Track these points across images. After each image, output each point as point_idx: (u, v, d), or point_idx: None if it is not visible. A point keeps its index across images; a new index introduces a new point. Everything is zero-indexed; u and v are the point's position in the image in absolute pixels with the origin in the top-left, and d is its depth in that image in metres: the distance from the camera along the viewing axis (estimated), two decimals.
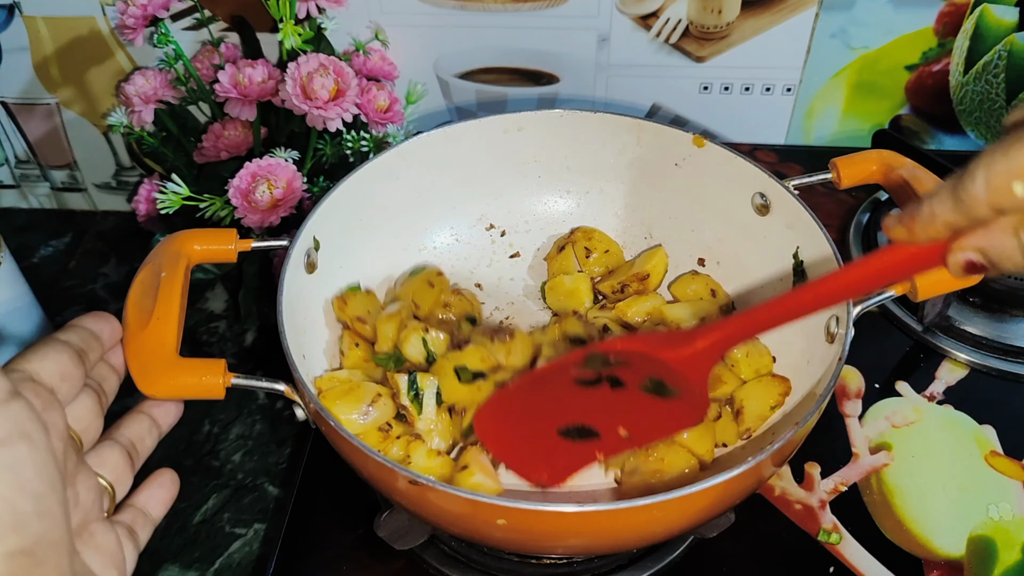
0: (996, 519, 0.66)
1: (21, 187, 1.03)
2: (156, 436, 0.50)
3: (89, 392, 0.45)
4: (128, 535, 0.45)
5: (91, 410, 0.45)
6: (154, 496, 0.48)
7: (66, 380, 0.41)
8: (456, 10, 0.87)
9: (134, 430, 0.48)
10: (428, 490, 0.50)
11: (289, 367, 0.56)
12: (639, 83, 0.93)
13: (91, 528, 0.42)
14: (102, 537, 0.42)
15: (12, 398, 0.35)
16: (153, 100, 0.78)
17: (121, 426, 0.48)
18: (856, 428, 0.72)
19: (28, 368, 0.39)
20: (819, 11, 0.86)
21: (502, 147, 0.76)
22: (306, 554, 0.65)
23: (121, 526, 0.45)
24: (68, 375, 0.41)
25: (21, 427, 0.35)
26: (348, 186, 0.68)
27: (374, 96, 0.78)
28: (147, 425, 0.49)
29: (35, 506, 0.34)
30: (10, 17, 0.88)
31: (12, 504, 0.33)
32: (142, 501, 0.47)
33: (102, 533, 0.42)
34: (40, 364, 0.40)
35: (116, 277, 0.95)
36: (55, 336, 0.43)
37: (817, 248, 0.65)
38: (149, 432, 0.49)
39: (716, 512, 0.56)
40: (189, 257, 0.60)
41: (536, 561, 0.63)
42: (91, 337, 0.45)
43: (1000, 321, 0.79)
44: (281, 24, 0.77)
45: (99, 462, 0.45)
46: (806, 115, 0.95)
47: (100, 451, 0.45)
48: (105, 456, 0.45)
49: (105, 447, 0.46)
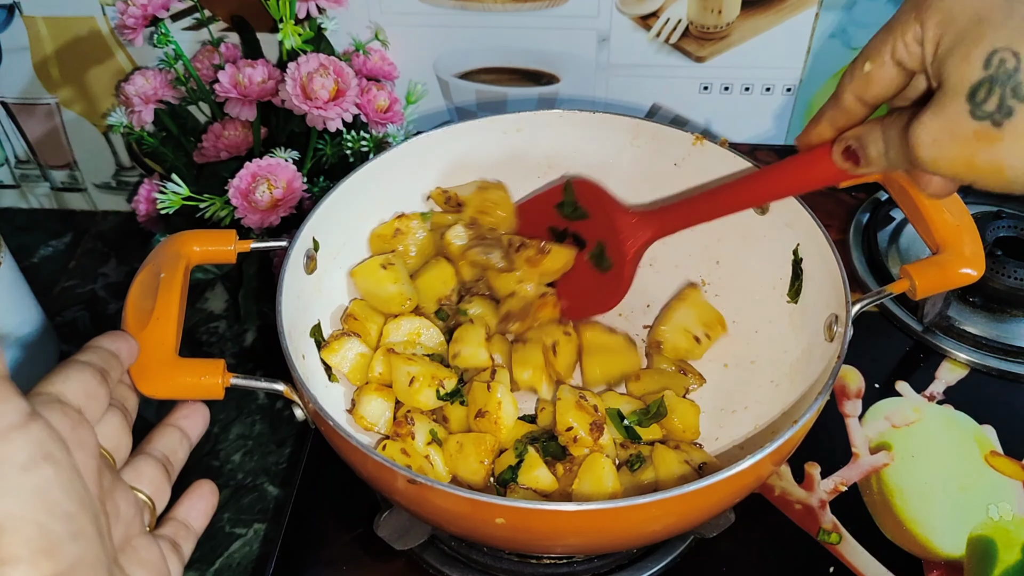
0: (996, 519, 0.66)
1: (21, 187, 1.03)
2: (187, 447, 0.50)
3: (114, 411, 0.45)
4: (171, 548, 0.45)
5: (119, 427, 0.45)
6: (195, 507, 0.48)
7: (92, 399, 0.41)
8: (456, 10, 0.87)
9: (165, 443, 0.48)
10: (427, 489, 0.50)
11: (288, 367, 0.56)
12: (639, 83, 0.92)
13: (134, 543, 0.41)
14: (146, 552, 0.42)
15: (31, 420, 0.34)
16: (153, 100, 0.78)
17: (152, 440, 0.48)
18: (856, 428, 0.72)
19: (53, 390, 0.39)
20: (819, 11, 0.86)
21: (502, 147, 0.76)
22: (306, 554, 0.65)
23: (164, 540, 0.45)
24: (93, 394, 0.41)
25: (44, 449, 0.34)
26: (348, 186, 0.68)
27: (374, 96, 0.78)
28: (177, 437, 0.49)
29: (67, 527, 0.34)
30: (10, 17, 0.88)
31: (43, 528, 0.33)
32: (183, 514, 0.47)
33: (145, 548, 0.42)
34: (64, 385, 0.40)
35: (116, 277, 0.95)
36: (75, 358, 0.43)
37: (817, 247, 0.65)
38: (180, 444, 0.49)
39: (716, 512, 0.56)
40: (188, 258, 0.60)
41: (536, 561, 0.63)
42: (111, 356, 0.45)
43: (1000, 321, 0.79)
44: (281, 24, 0.77)
45: (136, 477, 0.45)
46: (806, 115, 0.95)
47: (136, 466, 0.45)
48: (141, 471, 0.45)
49: (140, 462, 0.46)
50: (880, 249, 0.85)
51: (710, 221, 0.66)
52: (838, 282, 0.61)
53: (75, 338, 0.87)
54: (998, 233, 0.83)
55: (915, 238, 0.86)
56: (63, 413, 0.37)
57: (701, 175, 0.73)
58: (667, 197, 0.76)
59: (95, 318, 0.91)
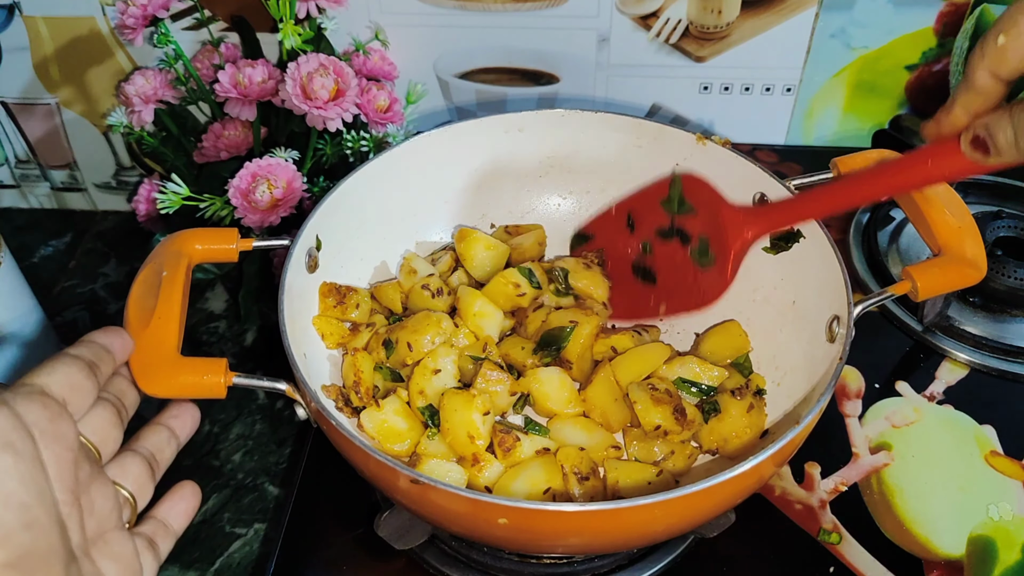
0: (996, 519, 0.66)
1: (21, 187, 1.03)
2: (175, 447, 0.50)
3: (106, 405, 0.45)
4: (148, 546, 0.45)
5: (108, 421, 0.45)
6: (175, 507, 0.48)
7: (77, 391, 0.41)
8: (456, 10, 0.87)
9: (153, 441, 0.48)
10: (429, 489, 0.50)
11: (290, 366, 0.56)
12: (639, 83, 0.93)
13: (107, 537, 0.42)
14: (119, 546, 0.42)
15: None
16: (153, 100, 0.78)
17: (140, 438, 0.48)
18: (856, 428, 0.72)
19: (37, 382, 0.39)
20: (819, 11, 0.86)
21: (502, 147, 0.76)
22: (306, 554, 0.65)
23: (141, 537, 0.45)
24: (78, 386, 0.41)
25: (5, 438, 0.35)
26: (349, 186, 0.68)
27: (374, 96, 0.78)
28: (166, 436, 0.49)
29: (19, 517, 0.34)
30: (10, 17, 0.88)
31: None
32: (163, 513, 0.48)
33: (119, 542, 0.42)
34: (49, 377, 0.40)
35: (116, 277, 0.95)
36: (66, 351, 0.43)
37: (818, 248, 0.65)
38: (168, 443, 0.49)
39: (716, 512, 0.56)
40: (190, 256, 0.60)
41: (536, 561, 0.63)
42: (102, 350, 0.45)
43: (1000, 321, 0.79)
44: (281, 24, 0.77)
45: (120, 473, 0.45)
46: (806, 115, 0.95)
47: (121, 462, 0.46)
48: (126, 467, 0.46)
49: (126, 458, 0.46)
50: (880, 249, 0.85)
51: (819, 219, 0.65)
52: (840, 283, 0.61)
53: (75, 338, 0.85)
54: (998, 233, 0.83)
55: (915, 238, 0.86)
56: (42, 404, 0.38)
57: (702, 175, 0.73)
58: None
59: (95, 318, 0.91)
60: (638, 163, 0.76)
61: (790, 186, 0.67)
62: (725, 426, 0.65)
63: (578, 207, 0.80)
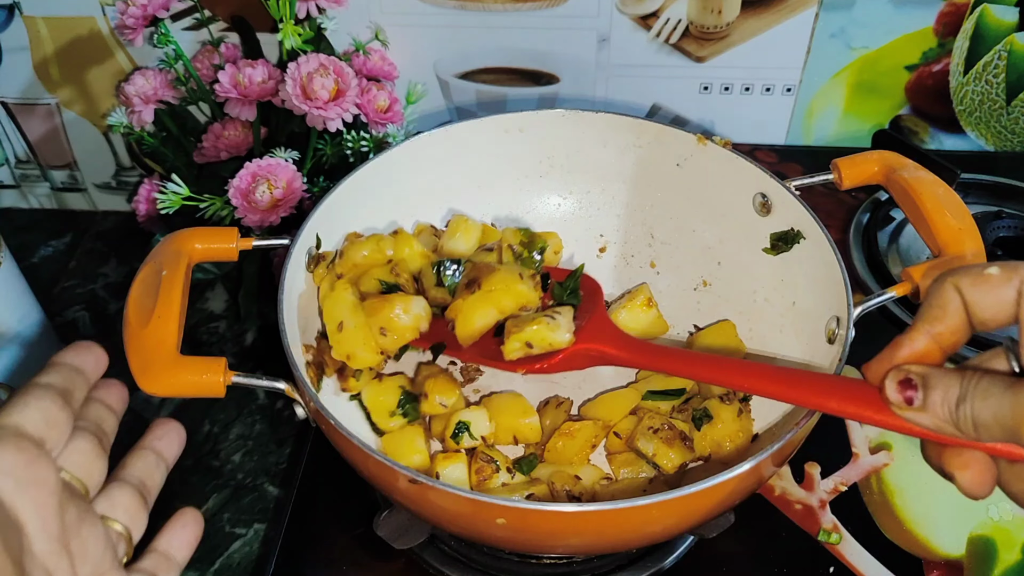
0: (996, 519, 0.66)
1: (21, 187, 1.03)
2: (164, 470, 0.46)
3: (85, 434, 0.41)
4: None
5: (91, 452, 0.41)
6: (177, 537, 0.45)
7: (53, 427, 0.38)
8: (456, 10, 0.87)
9: (140, 467, 0.44)
10: (428, 489, 0.50)
11: (290, 365, 0.56)
12: (639, 83, 0.93)
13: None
14: None
15: None
16: (153, 100, 0.78)
17: (127, 465, 0.44)
18: (856, 428, 0.72)
19: (9, 422, 0.36)
20: (819, 11, 0.86)
21: (502, 147, 0.76)
22: (306, 554, 0.65)
23: (141, 574, 0.42)
24: (54, 421, 0.38)
25: None
26: (349, 186, 0.68)
27: (374, 96, 0.78)
28: (153, 460, 0.45)
29: None
30: (10, 17, 0.88)
31: None
32: (164, 544, 0.44)
33: None
34: (22, 415, 0.37)
35: (116, 277, 0.95)
36: (35, 381, 0.39)
37: (818, 248, 0.65)
38: (157, 467, 0.45)
39: (716, 512, 0.56)
40: (190, 256, 0.60)
41: (536, 561, 0.63)
42: (74, 373, 0.41)
43: None
44: (281, 24, 0.77)
45: (110, 506, 0.41)
46: (806, 115, 0.95)
47: (109, 494, 0.42)
48: (116, 499, 0.42)
49: (114, 489, 0.42)
50: (880, 249, 0.85)
51: (670, 376, 0.63)
52: (840, 284, 0.61)
53: (75, 338, 0.86)
54: (998, 233, 0.83)
55: (915, 238, 0.86)
56: (17, 448, 0.35)
57: (703, 175, 0.73)
58: (669, 197, 0.76)
59: (95, 318, 0.91)
60: (640, 163, 0.76)
61: (790, 186, 0.67)
62: (718, 431, 0.65)
63: (578, 207, 0.80)
